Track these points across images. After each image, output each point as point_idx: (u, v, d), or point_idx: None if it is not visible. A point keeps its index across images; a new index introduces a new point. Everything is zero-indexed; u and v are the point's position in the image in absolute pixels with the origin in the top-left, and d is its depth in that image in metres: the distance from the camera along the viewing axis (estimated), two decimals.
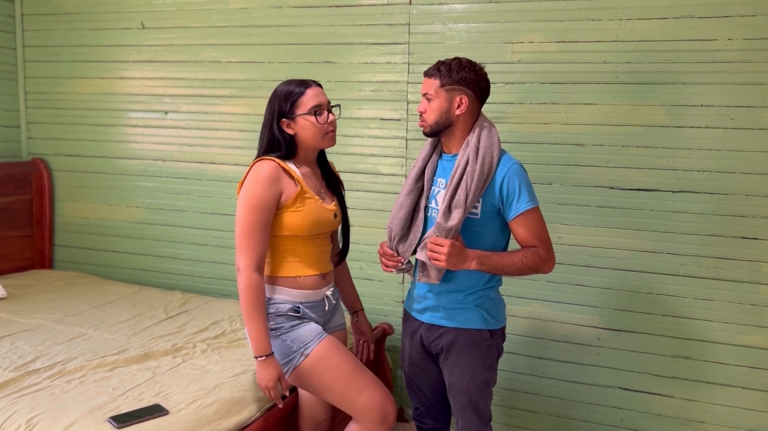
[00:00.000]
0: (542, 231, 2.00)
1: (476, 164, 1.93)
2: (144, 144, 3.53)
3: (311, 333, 2.04)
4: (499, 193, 1.96)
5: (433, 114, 1.99)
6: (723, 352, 2.64)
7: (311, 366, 2.01)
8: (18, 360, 2.35)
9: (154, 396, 2.10)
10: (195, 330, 2.77)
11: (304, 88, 2.03)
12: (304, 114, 2.01)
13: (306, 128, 2.02)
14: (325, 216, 2.07)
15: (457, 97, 1.97)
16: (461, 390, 2.06)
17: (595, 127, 2.71)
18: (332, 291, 2.16)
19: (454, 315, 2.05)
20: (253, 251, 1.95)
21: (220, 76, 3.32)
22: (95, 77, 3.58)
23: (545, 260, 1.99)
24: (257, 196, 1.95)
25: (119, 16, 3.47)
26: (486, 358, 2.06)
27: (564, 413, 2.89)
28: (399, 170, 3.04)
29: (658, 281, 2.69)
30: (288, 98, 2.02)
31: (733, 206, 2.57)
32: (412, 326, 2.17)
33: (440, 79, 1.96)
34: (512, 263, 1.96)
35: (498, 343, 2.11)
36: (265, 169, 1.98)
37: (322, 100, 2.04)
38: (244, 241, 1.95)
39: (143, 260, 3.61)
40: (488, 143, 1.96)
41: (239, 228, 1.97)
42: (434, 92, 1.98)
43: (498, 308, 2.10)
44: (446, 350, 2.06)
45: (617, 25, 2.63)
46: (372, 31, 3.01)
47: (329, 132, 2.05)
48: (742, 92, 2.51)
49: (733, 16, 2.49)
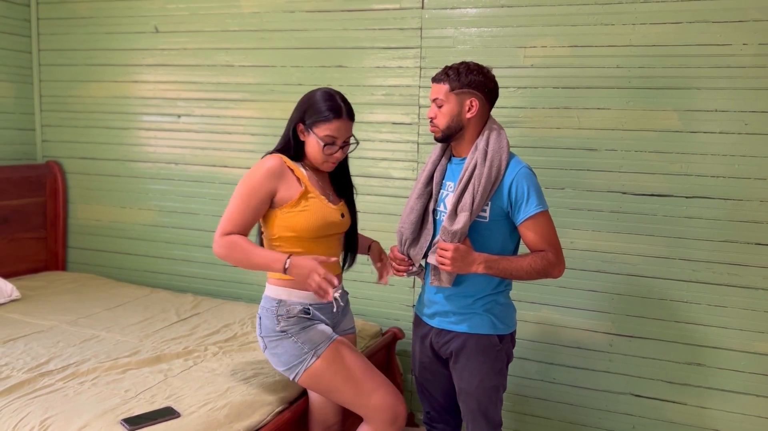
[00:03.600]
0: (551, 234, 1.99)
1: (484, 168, 1.93)
2: (157, 147, 3.55)
3: (322, 335, 2.05)
4: (507, 197, 1.96)
5: (444, 118, 1.99)
6: (737, 359, 2.62)
7: (323, 368, 2.02)
8: (32, 362, 2.37)
9: (166, 399, 2.11)
10: (206, 332, 2.78)
11: (333, 115, 2.02)
12: (318, 136, 2.02)
13: (312, 146, 2.05)
14: (331, 216, 2.07)
15: (468, 101, 1.97)
16: (470, 395, 2.05)
17: (607, 132, 2.70)
18: (341, 294, 2.16)
19: (463, 320, 2.04)
20: (229, 223, 1.98)
21: (233, 80, 3.33)
22: (109, 81, 3.61)
23: (554, 264, 1.97)
24: (253, 184, 2.00)
25: (133, 21, 3.50)
26: (495, 363, 2.05)
27: (575, 419, 2.87)
28: (410, 174, 3.04)
29: (671, 287, 2.67)
30: (315, 113, 2.02)
31: (747, 212, 2.55)
32: (423, 330, 2.16)
33: (450, 83, 1.97)
34: (521, 267, 1.95)
35: (507, 348, 2.10)
36: (270, 163, 2.01)
37: (342, 135, 2.04)
38: (225, 215, 2.00)
39: (155, 262, 3.63)
40: (497, 146, 1.96)
41: (228, 204, 2.01)
42: (444, 96, 1.98)
43: (508, 313, 2.09)
44: (455, 355, 2.06)
45: (630, 30, 2.62)
46: (384, 35, 3.02)
47: (327, 162, 2.07)
48: (757, 97, 2.49)
49: (748, 20, 2.47)
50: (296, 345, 2.03)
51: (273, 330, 2.06)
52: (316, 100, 2.04)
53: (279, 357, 2.06)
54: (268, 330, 2.07)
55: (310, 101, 2.05)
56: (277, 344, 2.05)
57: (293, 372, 2.05)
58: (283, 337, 2.03)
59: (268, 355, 2.11)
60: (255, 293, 3.40)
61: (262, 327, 2.10)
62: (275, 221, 2.04)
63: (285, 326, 2.04)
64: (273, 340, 2.06)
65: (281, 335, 2.03)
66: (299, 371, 2.03)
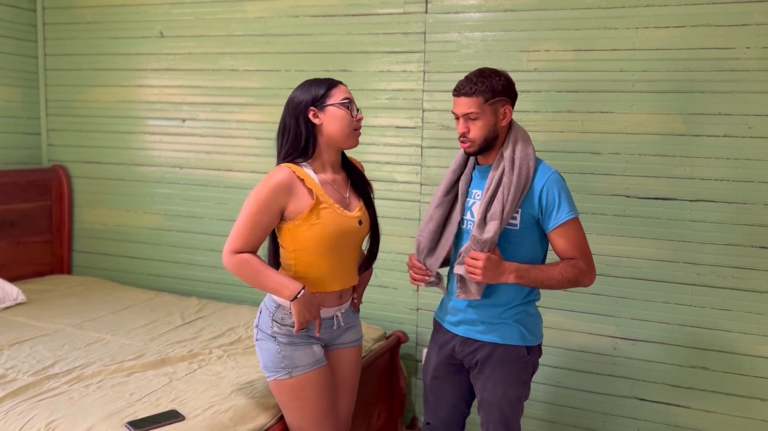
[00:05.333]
0: (582, 242, 1.96)
1: (513, 175, 1.89)
2: (162, 151, 3.57)
3: (305, 359, 2.01)
4: (538, 203, 1.92)
5: (482, 131, 1.93)
6: (741, 363, 2.61)
7: (289, 388, 2.01)
8: (37, 365, 2.38)
9: (171, 402, 2.12)
10: (211, 336, 2.78)
11: (336, 82, 2.00)
12: (336, 104, 1.96)
13: (336, 118, 1.96)
14: (347, 225, 1.99)
15: (501, 109, 1.94)
16: (492, 404, 2.02)
17: (611, 136, 2.70)
18: (344, 313, 2.12)
19: (492, 330, 2.00)
20: (239, 240, 1.93)
21: (238, 85, 3.35)
22: (114, 85, 3.63)
23: (585, 272, 1.94)
24: (261, 200, 1.92)
25: (138, 25, 3.52)
26: (521, 374, 2.02)
27: (580, 423, 2.87)
28: (414, 178, 3.04)
29: (676, 290, 2.67)
30: (319, 88, 1.97)
31: (751, 215, 2.55)
32: (443, 338, 2.12)
33: (483, 95, 1.91)
34: (552, 276, 1.91)
35: (534, 360, 2.06)
36: (279, 176, 1.93)
37: (352, 97, 2.02)
38: (234, 230, 1.94)
39: (160, 266, 3.64)
40: (524, 153, 1.92)
41: (237, 218, 1.95)
42: (479, 109, 1.91)
43: (536, 324, 2.06)
44: (480, 364, 2.02)
45: (634, 34, 2.62)
46: (388, 39, 3.03)
47: (357, 128, 2.01)
48: (761, 100, 2.49)
49: (752, 24, 2.47)
50: (278, 356, 2.01)
51: (266, 328, 2.04)
52: (308, 86, 2.00)
53: (261, 356, 2.06)
54: (263, 325, 2.06)
55: (302, 89, 1.99)
56: (264, 342, 2.05)
57: (267, 374, 2.05)
58: (270, 341, 2.02)
59: (256, 347, 2.09)
60: (259, 297, 3.38)
61: (260, 320, 2.08)
62: (288, 234, 1.98)
63: (276, 331, 2.02)
64: (263, 337, 2.05)
65: (270, 338, 2.02)
66: (270, 377, 2.04)
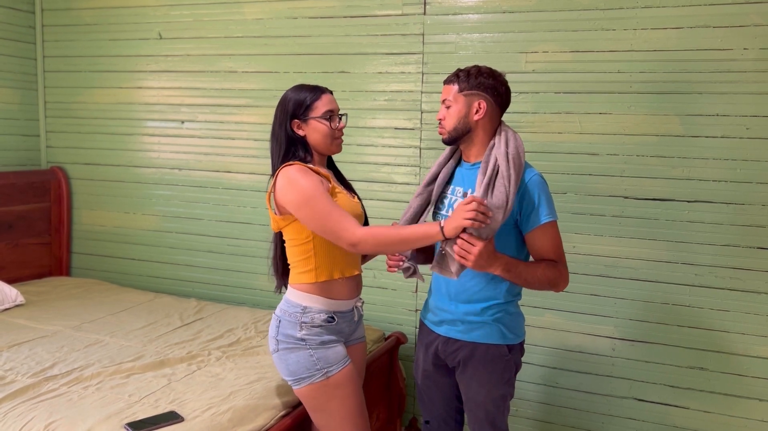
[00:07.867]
0: (559, 246, 1.96)
1: (511, 170, 1.85)
2: (161, 153, 3.57)
3: (337, 356, 2.02)
4: (518, 203, 1.92)
5: (452, 120, 1.96)
6: (740, 364, 2.62)
7: (326, 388, 2.00)
8: (36, 367, 2.38)
9: (170, 403, 2.12)
10: (210, 337, 2.78)
11: (319, 93, 2.04)
12: (318, 117, 2.01)
13: (317, 131, 2.02)
14: (356, 210, 2.04)
15: (476, 102, 1.94)
16: (478, 404, 2.04)
17: (609, 137, 2.70)
18: (361, 303, 2.15)
19: (472, 329, 2.01)
20: (346, 220, 1.87)
21: (236, 86, 3.35)
22: (113, 87, 3.63)
23: (564, 277, 1.95)
24: (308, 185, 1.90)
25: (137, 27, 3.53)
26: (503, 373, 2.02)
27: (578, 424, 2.87)
28: (413, 179, 3.05)
29: (674, 291, 2.68)
30: (302, 101, 2.02)
31: (749, 216, 2.55)
32: (428, 338, 2.14)
33: (458, 84, 1.95)
34: (535, 274, 1.92)
35: (516, 358, 2.07)
36: (295, 167, 1.95)
37: (335, 107, 2.06)
38: (335, 219, 1.87)
39: (159, 268, 3.64)
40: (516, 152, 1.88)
41: (316, 219, 1.89)
42: (453, 97, 1.95)
43: (517, 322, 2.06)
44: (463, 364, 2.03)
45: (632, 35, 2.63)
46: (386, 41, 3.03)
47: (338, 138, 2.06)
48: (759, 101, 2.50)
49: (749, 25, 2.48)
50: (311, 359, 1.99)
51: (292, 336, 2.00)
52: (293, 94, 2.04)
53: (288, 365, 2.02)
54: (286, 335, 2.02)
55: (287, 99, 2.04)
56: (290, 351, 2.00)
57: (297, 383, 2.01)
58: (300, 347, 1.99)
59: (276, 359, 2.05)
60: (258, 298, 3.41)
61: (279, 331, 2.03)
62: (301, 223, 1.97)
63: (306, 335, 1.99)
64: (288, 346, 2.01)
65: (299, 344, 1.99)
66: (303, 383, 2.00)
